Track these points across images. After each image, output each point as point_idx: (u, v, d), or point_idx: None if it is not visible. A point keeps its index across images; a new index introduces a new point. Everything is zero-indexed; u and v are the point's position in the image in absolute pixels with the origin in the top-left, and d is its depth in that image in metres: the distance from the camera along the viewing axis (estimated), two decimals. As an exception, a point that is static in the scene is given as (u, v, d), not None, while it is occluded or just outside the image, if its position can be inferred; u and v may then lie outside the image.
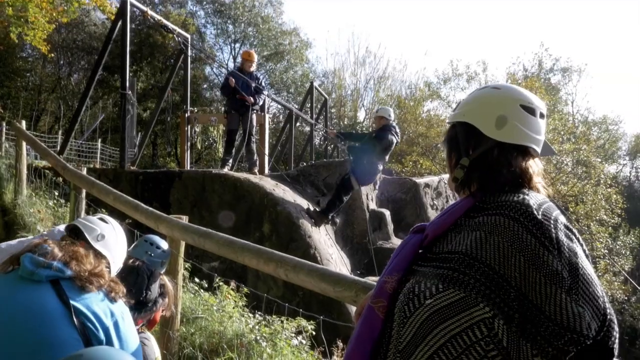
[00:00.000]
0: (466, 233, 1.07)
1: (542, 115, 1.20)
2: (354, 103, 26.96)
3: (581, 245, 1.05)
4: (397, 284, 1.14)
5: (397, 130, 6.52)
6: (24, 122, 6.16)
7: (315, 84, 14.67)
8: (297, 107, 13.96)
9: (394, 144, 6.43)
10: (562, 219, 1.07)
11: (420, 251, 1.18)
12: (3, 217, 5.38)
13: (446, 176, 11.65)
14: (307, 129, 13.39)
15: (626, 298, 17.98)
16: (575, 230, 1.07)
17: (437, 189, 10.59)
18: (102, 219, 1.75)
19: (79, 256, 1.46)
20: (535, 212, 1.03)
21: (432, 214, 9.73)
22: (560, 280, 0.96)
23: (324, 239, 6.54)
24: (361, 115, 27.31)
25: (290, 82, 24.87)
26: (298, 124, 15.70)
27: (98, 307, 1.42)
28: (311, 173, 7.84)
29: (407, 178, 10.83)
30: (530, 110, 1.18)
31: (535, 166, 1.18)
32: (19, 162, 5.55)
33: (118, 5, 7.74)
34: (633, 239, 21.14)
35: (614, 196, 19.32)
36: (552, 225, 1.02)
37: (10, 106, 21.46)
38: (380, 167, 6.45)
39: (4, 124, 11.72)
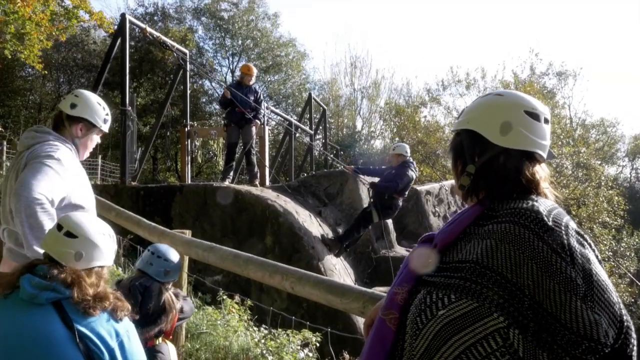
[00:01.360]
0: (476, 241, 1.06)
1: (546, 121, 1.19)
2: (352, 112, 27.09)
3: (593, 250, 1.04)
4: (407, 295, 1.12)
5: (415, 165, 6.65)
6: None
7: (313, 94, 14.73)
8: (295, 118, 14.00)
9: (414, 180, 6.54)
10: (572, 224, 1.05)
11: (430, 260, 1.16)
12: None
13: (447, 183, 11.64)
14: (307, 139, 13.41)
15: (633, 300, 17.85)
16: (586, 236, 1.05)
17: (439, 196, 10.57)
18: (69, 234, 1.55)
19: (79, 279, 1.41)
20: (545, 218, 1.02)
21: (434, 221, 9.70)
22: (575, 288, 0.95)
23: (326, 250, 6.51)
24: (359, 124, 27.43)
25: (288, 94, 25.00)
26: (297, 135, 15.75)
27: (102, 329, 1.40)
28: (312, 183, 7.83)
29: (408, 186, 10.79)
30: (534, 115, 1.17)
31: (542, 171, 1.17)
32: (20, 181, 5.51)
33: (118, 21, 7.79)
34: (637, 240, 21.05)
35: (616, 198, 19.29)
36: (563, 232, 1.01)
37: (11, 125, 21.52)
38: (400, 203, 6.51)
39: (5, 143, 11.74)
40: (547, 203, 1.10)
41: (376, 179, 6.53)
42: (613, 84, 55.18)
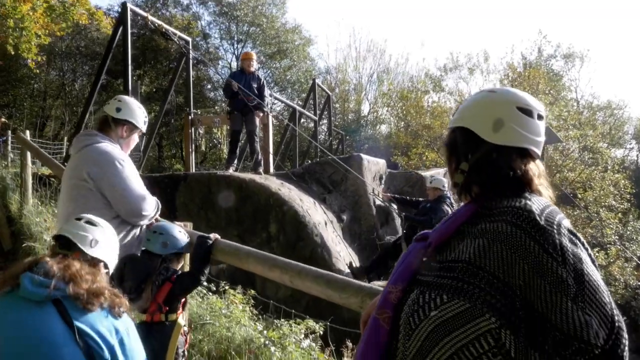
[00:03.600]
0: (469, 240, 1.06)
1: (539, 117, 1.18)
2: (358, 97, 26.92)
3: (586, 249, 1.03)
4: (401, 294, 1.13)
5: (452, 200, 6.48)
6: (28, 133, 6.17)
7: (318, 80, 14.65)
8: (300, 104, 13.95)
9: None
10: (565, 223, 1.05)
11: (424, 259, 1.16)
12: (10, 227, 5.41)
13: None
14: (312, 124, 13.38)
15: (639, 283, 17.83)
16: (579, 235, 1.05)
17: (444, 182, 10.53)
18: (89, 222, 1.68)
19: (73, 275, 1.43)
20: (537, 217, 1.01)
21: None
22: (566, 288, 0.95)
23: (331, 237, 6.54)
24: (365, 108, 27.30)
25: (294, 80, 24.87)
26: (303, 120, 15.72)
27: (102, 326, 1.41)
28: (316, 170, 7.83)
29: (413, 172, 10.79)
30: (527, 112, 1.16)
31: (535, 168, 1.15)
32: (24, 172, 5.57)
33: (116, 17, 7.78)
34: (644, 224, 20.92)
35: (622, 182, 19.17)
36: (555, 231, 1.00)
37: (15, 114, 21.59)
38: None
39: (9, 133, 11.82)
40: (540, 201, 1.09)
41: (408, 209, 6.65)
42: (620, 65, 54.31)
